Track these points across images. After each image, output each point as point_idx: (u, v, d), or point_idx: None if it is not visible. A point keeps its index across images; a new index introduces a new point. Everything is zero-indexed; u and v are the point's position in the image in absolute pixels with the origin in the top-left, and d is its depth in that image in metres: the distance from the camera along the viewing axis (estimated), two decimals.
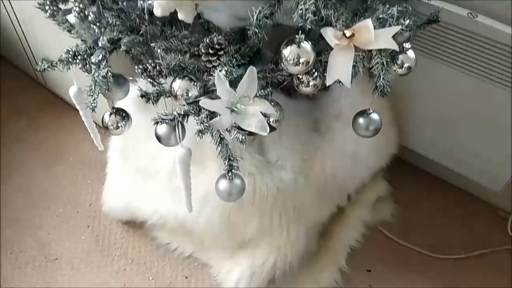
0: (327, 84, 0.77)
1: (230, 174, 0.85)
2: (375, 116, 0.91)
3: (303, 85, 0.90)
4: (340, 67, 0.73)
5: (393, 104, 1.33)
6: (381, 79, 0.84)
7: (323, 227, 1.26)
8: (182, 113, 0.76)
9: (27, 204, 1.43)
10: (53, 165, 1.55)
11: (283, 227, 1.10)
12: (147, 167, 1.15)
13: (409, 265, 1.31)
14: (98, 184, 1.47)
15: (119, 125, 0.93)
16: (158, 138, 0.87)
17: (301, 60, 0.74)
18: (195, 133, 0.73)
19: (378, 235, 1.38)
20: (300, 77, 0.90)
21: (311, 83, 0.90)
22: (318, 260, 1.26)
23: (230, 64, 0.74)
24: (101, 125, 0.99)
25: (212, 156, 1.05)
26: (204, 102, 0.71)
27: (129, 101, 1.08)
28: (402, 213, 1.42)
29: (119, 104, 1.02)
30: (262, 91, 0.76)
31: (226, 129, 0.76)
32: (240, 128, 0.77)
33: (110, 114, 0.93)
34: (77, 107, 1.04)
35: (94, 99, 0.88)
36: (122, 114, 0.94)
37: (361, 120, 0.91)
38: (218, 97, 0.73)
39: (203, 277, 1.27)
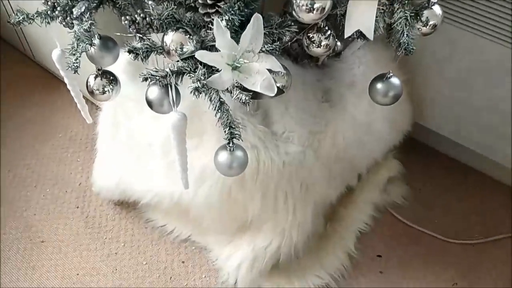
0: (345, 36, 0.67)
1: (231, 144, 0.75)
2: (395, 80, 0.81)
3: (314, 45, 0.81)
4: (362, 15, 0.62)
5: (407, 78, 1.23)
6: (405, 35, 0.73)
7: (331, 209, 1.17)
8: (176, 69, 0.65)
9: (13, 183, 1.34)
10: (41, 142, 1.46)
11: (288, 207, 1.00)
12: (138, 141, 1.05)
13: (421, 250, 1.23)
14: (89, 163, 1.38)
15: (105, 89, 0.83)
16: (150, 103, 0.77)
17: (315, 6, 0.63)
18: (191, 92, 0.63)
19: (389, 218, 1.29)
20: (311, 36, 0.80)
21: (323, 43, 0.80)
22: (325, 244, 1.17)
23: (232, 12, 0.63)
24: (88, 95, 0.89)
25: (210, 128, 0.96)
26: (201, 54, 0.61)
27: (118, 68, 0.98)
28: (414, 195, 1.34)
29: None
30: (269, 45, 0.66)
31: (227, 89, 0.66)
32: (243, 89, 0.66)
33: (96, 77, 0.83)
34: (62, 73, 0.94)
35: (77, 58, 0.78)
36: (109, 77, 0.84)
37: (379, 85, 0.81)
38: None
39: (201, 262, 1.18)
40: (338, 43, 1.06)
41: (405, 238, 1.25)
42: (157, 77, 0.64)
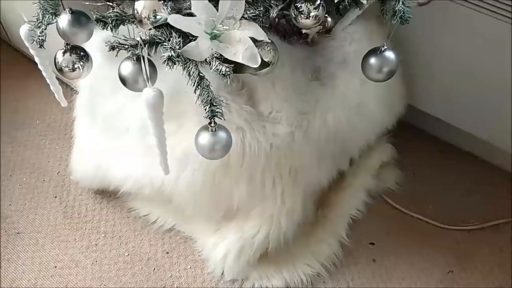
0: None
1: (212, 124, 0.69)
2: (389, 54, 0.75)
3: (302, 16, 0.75)
4: None
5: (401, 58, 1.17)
6: (400, 2, 0.68)
7: (322, 194, 1.11)
8: (148, 38, 0.59)
9: None
10: (17, 129, 1.38)
11: (276, 193, 0.95)
12: (116, 124, 0.99)
13: (416, 237, 1.18)
14: (68, 150, 1.31)
15: (75, 66, 0.76)
16: (123, 80, 0.71)
17: None
18: (163, 61, 0.56)
19: (382, 204, 1.24)
20: (299, 5, 0.74)
21: (312, 14, 0.75)
22: (316, 231, 1.12)
23: None
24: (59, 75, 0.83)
25: (191, 110, 0.89)
26: (174, 18, 0.54)
27: (94, 47, 0.91)
28: (408, 180, 1.29)
29: None
30: (252, 11, 0.59)
31: (205, 60, 0.60)
32: (224, 61, 0.60)
33: (64, 52, 0.76)
34: (31, 51, 0.87)
35: (42, 31, 0.71)
36: (79, 53, 0.77)
37: (372, 60, 0.75)
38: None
39: (186, 252, 1.12)
40: (329, 19, 1.01)
41: (399, 225, 1.21)
42: (126, 46, 0.57)
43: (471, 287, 1.10)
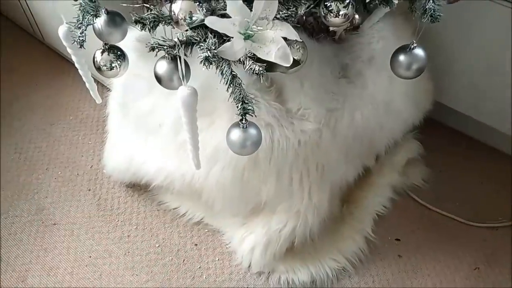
0: None
1: (244, 121, 0.71)
2: (419, 51, 0.76)
3: (331, 14, 0.76)
4: None
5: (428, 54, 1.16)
6: (431, 0, 0.68)
7: (348, 190, 1.13)
8: (185, 39, 0.61)
9: (24, 166, 1.33)
10: (52, 125, 1.44)
11: (304, 189, 0.97)
12: (149, 121, 1.02)
13: (442, 233, 1.18)
14: (100, 145, 1.36)
15: (113, 65, 0.80)
16: (159, 78, 0.74)
17: None
18: (200, 62, 0.59)
19: (408, 201, 1.25)
20: (328, 4, 0.75)
21: (341, 12, 0.75)
22: (341, 227, 1.13)
23: None
24: (96, 72, 0.86)
25: (222, 107, 0.92)
26: (211, 20, 0.57)
27: (128, 46, 0.95)
28: (435, 177, 1.29)
29: None
30: (284, 11, 0.61)
31: (239, 60, 0.62)
32: (257, 60, 0.62)
33: (102, 52, 0.80)
34: (69, 50, 0.91)
35: (82, 32, 0.75)
36: (117, 52, 0.80)
37: (402, 57, 0.76)
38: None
39: (214, 245, 1.16)
40: (356, 16, 1.02)
41: (425, 221, 1.21)
42: (165, 47, 0.60)
43: (497, 285, 1.09)
